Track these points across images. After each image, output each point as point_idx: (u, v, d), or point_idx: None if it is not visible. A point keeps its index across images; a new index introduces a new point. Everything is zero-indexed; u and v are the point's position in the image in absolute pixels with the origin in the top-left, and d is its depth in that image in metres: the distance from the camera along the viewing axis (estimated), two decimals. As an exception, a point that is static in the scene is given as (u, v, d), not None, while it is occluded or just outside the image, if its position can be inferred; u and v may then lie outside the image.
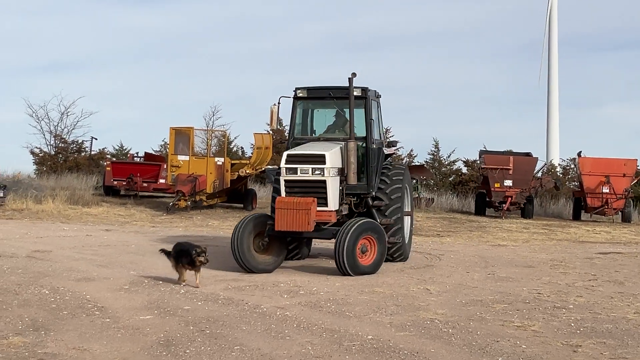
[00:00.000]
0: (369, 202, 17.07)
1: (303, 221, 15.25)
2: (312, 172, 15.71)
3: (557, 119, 66.09)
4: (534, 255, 20.45)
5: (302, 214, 15.23)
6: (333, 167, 15.84)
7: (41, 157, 47.94)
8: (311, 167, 15.70)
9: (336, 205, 16.08)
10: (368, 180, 16.90)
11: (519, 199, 34.65)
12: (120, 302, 11.95)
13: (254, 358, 8.77)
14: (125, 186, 35.32)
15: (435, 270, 16.80)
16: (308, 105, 17.80)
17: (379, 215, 17.04)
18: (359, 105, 17.05)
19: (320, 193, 15.70)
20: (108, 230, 24.20)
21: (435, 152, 49.30)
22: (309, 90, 17.46)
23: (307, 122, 17.98)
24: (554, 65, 65.79)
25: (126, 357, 8.74)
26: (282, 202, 15.55)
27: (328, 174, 15.70)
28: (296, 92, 17.44)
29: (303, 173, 15.73)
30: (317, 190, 15.71)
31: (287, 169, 15.82)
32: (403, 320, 11.03)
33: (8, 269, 15.05)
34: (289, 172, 15.81)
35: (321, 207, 15.65)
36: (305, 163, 15.78)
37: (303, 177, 15.75)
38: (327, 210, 15.81)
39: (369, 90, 17.06)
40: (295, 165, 15.78)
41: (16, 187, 32.86)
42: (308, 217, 15.21)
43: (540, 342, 9.88)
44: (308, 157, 15.88)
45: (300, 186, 15.81)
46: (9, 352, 8.78)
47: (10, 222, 25.82)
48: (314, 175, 15.71)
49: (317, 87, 17.47)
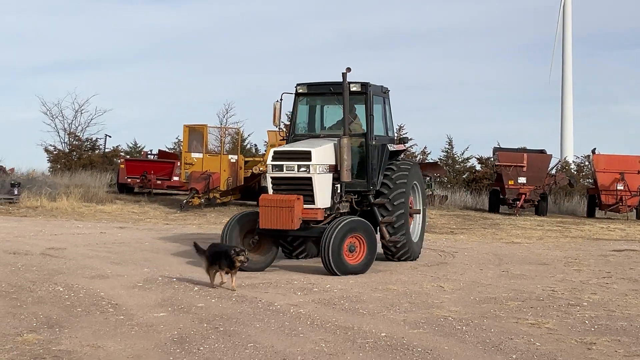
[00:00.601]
0: (371, 200, 16.84)
1: (287, 219, 14.96)
2: (298, 169, 15.32)
3: (571, 116, 65.90)
4: (548, 253, 20.39)
5: (286, 211, 14.95)
6: (321, 164, 15.45)
7: (55, 154, 48.09)
8: (297, 164, 15.31)
9: (326, 203, 15.71)
10: (368, 178, 16.62)
11: (533, 196, 34.56)
12: (134, 300, 11.97)
13: (268, 355, 8.77)
14: (139, 184, 35.41)
15: (449, 267, 16.77)
16: (311, 101, 17.55)
17: (381, 213, 16.80)
18: (359, 100, 16.85)
19: (306, 190, 15.32)
20: (122, 227, 24.27)
21: (449, 149, 49.20)
22: (309, 86, 17.21)
23: (310, 119, 17.73)
24: (568, 63, 65.59)
25: (140, 354, 8.76)
26: (266, 199, 15.33)
27: (314, 171, 15.26)
28: (297, 88, 17.23)
29: (289, 170, 15.39)
30: (303, 188, 15.33)
31: (273, 166, 15.54)
32: (417, 317, 11.01)
33: (22, 266, 15.10)
34: (275, 169, 15.51)
35: (308, 205, 15.27)
36: (291, 160, 15.43)
37: (289, 174, 15.40)
38: (314, 208, 15.37)
39: (370, 85, 16.72)
40: (282, 162, 15.46)
41: (30, 185, 32.98)
42: (291, 214, 14.90)
43: (554, 339, 9.85)
44: (294, 154, 15.55)
45: (286, 183, 15.48)
46: (24, 349, 8.81)
47: (25, 220, 25.92)
48: (299, 172, 15.31)
49: (318, 82, 17.16)
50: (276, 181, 15.55)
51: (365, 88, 16.64)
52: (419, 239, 18.28)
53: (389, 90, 17.92)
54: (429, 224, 28.05)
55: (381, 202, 16.82)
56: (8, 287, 12.74)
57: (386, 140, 17.40)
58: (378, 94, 17.28)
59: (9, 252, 16.99)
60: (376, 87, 17.16)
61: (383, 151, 17.03)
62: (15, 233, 21.14)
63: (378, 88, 17.29)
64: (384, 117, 17.69)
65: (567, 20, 65.22)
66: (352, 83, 16.36)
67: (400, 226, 16.94)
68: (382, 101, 17.58)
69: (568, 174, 41.55)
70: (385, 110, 17.73)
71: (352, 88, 16.40)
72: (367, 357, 8.82)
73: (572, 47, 65.79)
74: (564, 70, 65.74)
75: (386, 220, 16.75)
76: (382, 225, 16.78)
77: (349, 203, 16.59)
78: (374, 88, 16.95)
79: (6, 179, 34.14)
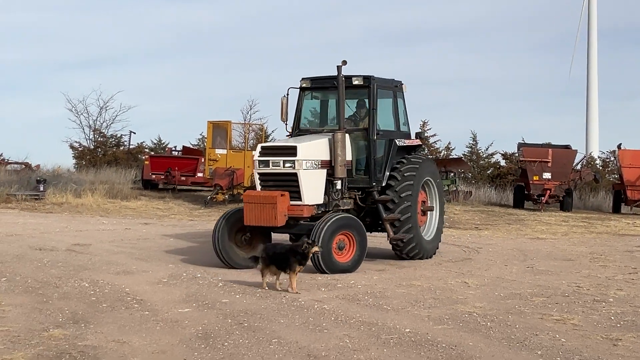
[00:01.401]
0: (375, 196, 16.41)
1: (270, 216, 14.62)
2: (283, 164, 15.00)
3: (596, 111, 65.47)
4: (573, 249, 20.29)
5: (269, 208, 14.60)
6: (309, 159, 15.09)
7: (80, 151, 48.33)
8: (282, 160, 15.01)
9: (316, 200, 15.30)
10: (370, 174, 16.28)
11: (558, 192, 34.37)
12: (159, 295, 12.02)
13: (292, 351, 8.78)
14: (163, 180, 35.55)
15: (474, 263, 16.73)
16: (315, 95, 17.27)
17: (386, 211, 16.37)
18: (363, 94, 16.55)
19: (292, 186, 14.96)
20: (146, 223, 24.37)
21: (473, 145, 49.04)
22: (312, 80, 16.89)
23: (314, 114, 17.50)
24: (593, 58, 65.16)
25: (165, 349, 8.79)
26: (250, 195, 15.13)
27: (300, 167, 14.89)
28: (301, 82, 16.93)
29: (275, 165, 15.09)
30: (289, 184, 14.98)
31: (259, 161, 15.26)
32: (441, 313, 10.99)
33: (48, 262, 15.20)
34: (262, 164, 15.23)
35: (295, 201, 14.93)
36: (277, 155, 15.14)
37: (275, 170, 15.10)
38: (300, 205, 14.98)
39: (373, 78, 16.32)
40: (268, 157, 15.19)
41: (56, 181, 33.18)
42: (274, 211, 14.56)
43: (579, 335, 9.80)
44: (280, 149, 15.33)
45: (273, 179, 15.20)
46: (50, 344, 8.87)
47: (51, 216, 26.09)
48: (285, 167, 14.99)
49: (322, 76, 16.76)
50: (263, 177, 15.30)
51: (368, 81, 16.30)
52: (433, 237, 17.66)
53: (402, 83, 17.51)
54: (453, 219, 28.02)
55: (385, 199, 16.37)
56: (34, 283, 12.83)
57: (397, 135, 16.98)
58: (386, 88, 16.89)
59: (35, 248, 17.10)
60: (383, 80, 16.79)
61: (390, 146, 16.62)
62: (41, 229, 21.29)
63: (387, 81, 16.93)
64: (395, 111, 17.23)
65: (592, 15, 64.80)
66: (354, 77, 16.21)
67: (405, 223, 16.39)
68: (392, 95, 17.17)
69: (593, 170, 41.33)
70: (396, 104, 17.26)
71: (354, 82, 16.23)
72: (391, 352, 8.81)
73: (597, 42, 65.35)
74: (589, 65, 65.32)
75: (390, 217, 16.28)
76: (385, 222, 16.37)
77: (352, 200, 16.31)
78: (379, 81, 16.57)
79: (32, 176, 34.37)
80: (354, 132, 16.33)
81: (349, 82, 16.08)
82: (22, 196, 30.34)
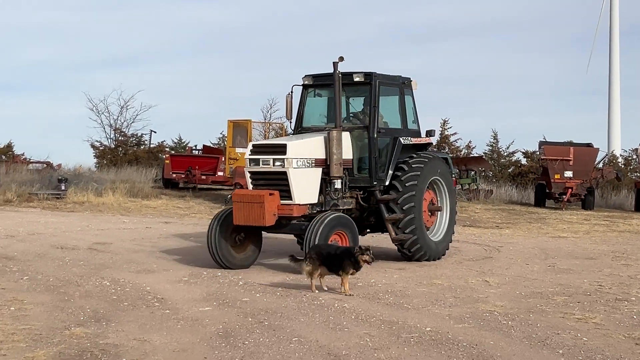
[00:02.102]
0: (377, 196, 15.99)
1: (258, 215, 14.22)
2: (273, 162, 14.62)
3: (618, 109, 65.14)
4: (595, 247, 20.18)
5: (257, 207, 14.22)
6: (300, 158, 14.66)
7: (101, 150, 48.59)
8: (272, 158, 14.63)
9: (308, 199, 14.88)
10: (371, 173, 15.84)
11: (580, 190, 34.22)
12: (180, 294, 12.05)
13: (312, 350, 8.78)
14: (184, 179, 35.66)
15: (494, 262, 16.66)
16: (318, 93, 16.89)
17: (389, 210, 15.94)
18: (363, 92, 16.21)
19: (282, 185, 14.56)
20: (167, 222, 24.44)
21: (494, 143, 48.95)
22: (314, 77, 16.55)
23: (317, 111, 17.05)
24: (615, 55, 64.84)
25: (185, 348, 8.81)
26: (238, 194, 14.79)
27: (290, 165, 14.46)
28: (303, 79, 16.66)
29: (265, 164, 14.72)
30: (279, 183, 14.58)
31: (250, 160, 14.92)
32: (462, 312, 10.96)
33: (70, 260, 15.28)
34: (252, 163, 14.88)
35: (285, 201, 14.54)
36: (267, 154, 14.77)
37: (264, 169, 14.73)
38: (291, 204, 14.55)
39: (375, 75, 15.89)
40: (258, 156, 14.83)
41: (77, 180, 33.34)
42: (262, 210, 14.16)
43: (601, 334, 9.74)
44: (270, 147, 14.97)
45: (264, 178, 14.83)
46: (72, 342, 8.91)
47: (72, 215, 26.21)
48: (274, 166, 14.59)
49: (324, 73, 16.15)
50: (254, 176, 14.97)
51: (370, 78, 15.91)
52: (442, 238, 17.13)
53: (411, 80, 17.07)
54: (474, 218, 27.96)
55: (388, 198, 15.93)
56: (56, 282, 12.90)
57: (404, 133, 16.56)
58: (391, 85, 16.50)
59: (56, 247, 17.20)
60: (388, 77, 16.39)
61: (394, 145, 16.21)
62: (62, 228, 21.40)
63: (392, 78, 16.53)
64: (402, 108, 16.78)
65: (614, 12, 64.47)
66: (355, 73, 15.89)
67: (408, 224, 15.91)
68: (398, 92, 16.72)
69: (615, 168, 41.11)
70: (403, 101, 16.81)
71: (355, 78, 15.90)
72: (411, 351, 8.79)
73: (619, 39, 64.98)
74: (611, 62, 65.00)
75: (392, 217, 15.86)
76: (387, 222, 15.94)
77: (354, 199, 15.98)
78: (383, 78, 16.16)
79: (53, 175, 34.54)
80: (356, 130, 16.02)
81: (349, 79, 15.84)
82: (44, 195, 30.51)
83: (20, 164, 41.57)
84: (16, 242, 18.11)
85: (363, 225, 16.52)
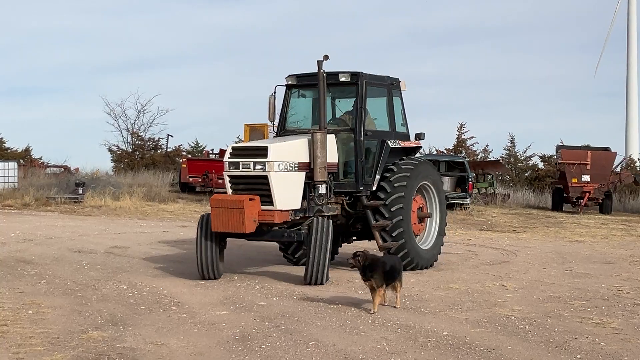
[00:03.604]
0: (364, 202, 15.16)
1: (237, 221, 13.35)
2: (253, 166, 13.73)
3: (636, 113, 64.78)
4: (612, 251, 20.08)
5: (236, 213, 13.35)
6: (282, 161, 13.81)
7: (118, 154, 48.83)
8: (252, 161, 13.74)
9: (291, 205, 14.04)
10: (357, 177, 14.97)
11: (597, 194, 34.13)
12: (196, 298, 12.06)
13: (329, 353, 8.77)
14: (200, 183, 35.75)
15: (511, 266, 16.60)
16: (302, 93, 16.02)
17: (375, 217, 15.11)
18: (349, 92, 15.39)
19: (263, 190, 13.68)
20: (184, 226, 24.48)
21: (511, 147, 48.89)
22: (298, 77, 15.71)
23: (301, 113, 16.18)
24: (633, 58, 64.50)
25: (202, 351, 8.82)
26: (217, 200, 13.87)
27: (271, 169, 13.61)
28: (287, 79, 15.86)
29: (245, 168, 13.82)
30: (259, 187, 13.71)
31: (229, 163, 14.01)
32: (479, 316, 10.93)
33: (87, 264, 15.33)
34: (232, 167, 13.97)
35: (266, 206, 13.66)
36: (247, 157, 13.90)
37: (244, 172, 13.84)
38: (272, 210, 13.68)
39: (362, 75, 15.09)
40: (238, 159, 13.94)
41: (94, 184, 33.53)
42: (242, 216, 13.28)
43: (620, 339, 9.69)
44: (250, 150, 14.14)
45: (243, 182, 13.93)
46: (89, 346, 8.94)
47: (89, 219, 26.31)
48: (255, 170, 13.72)
49: (307, 73, 15.36)
50: (233, 180, 14.04)
51: (356, 78, 15.09)
52: (432, 246, 16.29)
53: (400, 80, 16.30)
54: (491, 222, 27.90)
55: (375, 204, 15.12)
56: (73, 285, 12.95)
57: (392, 136, 15.79)
58: (378, 85, 15.72)
59: (74, 251, 17.27)
60: (375, 77, 15.62)
61: (382, 148, 15.40)
62: (80, 232, 21.47)
63: (380, 78, 15.77)
64: (390, 110, 15.96)
65: (631, 15, 64.18)
66: (340, 73, 15.14)
67: (395, 229, 15.07)
68: (386, 93, 15.93)
69: (633, 172, 40.95)
70: (391, 103, 15.96)
71: (341, 78, 15.14)
72: (428, 356, 8.77)
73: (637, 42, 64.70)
74: (629, 65, 64.67)
75: (378, 224, 15.07)
76: (374, 229, 15.13)
77: (339, 205, 15.16)
78: (370, 78, 15.39)
79: (71, 179, 34.75)
80: (342, 132, 15.22)
81: (335, 79, 15.09)
82: (62, 199, 30.69)
83: (38, 168, 41.87)
84: (34, 245, 18.19)
85: (349, 232, 16.13)
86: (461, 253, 18.76)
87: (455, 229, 25.42)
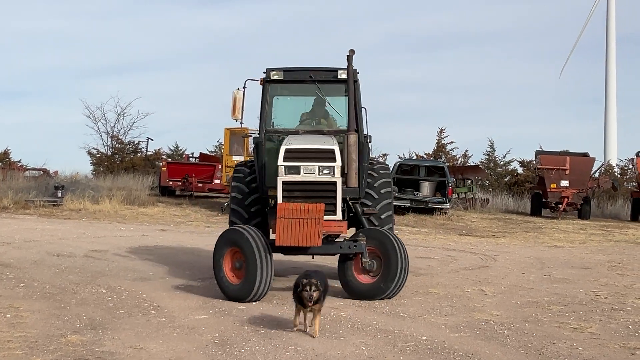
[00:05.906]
0: (358, 209, 13.71)
1: (312, 233, 11.84)
2: (320, 171, 12.32)
3: (615, 119, 65.36)
4: (591, 257, 20.20)
5: (312, 224, 11.83)
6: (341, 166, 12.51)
7: (98, 157, 48.67)
8: (318, 165, 12.30)
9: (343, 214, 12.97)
10: (360, 183, 13.33)
11: (576, 200, 34.31)
12: (176, 302, 12.04)
13: (308, 358, 8.78)
14: (180, 186, 35.72)
15: (490, 271, 16.67)
16: (284, 91, 14.43)
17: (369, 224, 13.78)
18: (341, 91, 13.85)
19: (329, 198, 12.38)
20: (164, 230, 24.43)
21: (490, 152, 49.10)
22: (285, 72, 13.94)
23: (285, 111, 14.78)
24: (611, 64, 65.01)
25: (182, 356, 8.81)
26: (286, 209, 11.98)
27: (339, 174, 12.39)
28: (269, 73, 13.93)
29: (308, 173, 12.32)
30: (325, 195, 12.40)
31: (286, 167, 12.36)
32: (458, 321, 10.97)
33: (66, 268, 15.27)
34: (290, 171, 12.35)
35: (329, 216, 12.39)
36: (310, 160, 12.34)
37: (308, 178, 12.35)
38: (337, 220, 12.57)
39: (358, 72, 13.74)
40: (298, 163, 12.34)
41: (74, 188, 33.38)
42: (318, 228, 11.85)
43: (597, 344, 9.75)
44: (314, 153, 12.41)
45: (303, 189, 12.42)
46: (67, 350, 8.90)
47: (68, 222, 26.20)
48: (321, 175, 12.34)
49: (295, 68, 14.08)
50: (289, 187, 12.42)
51: (355, 75, 13.61)
52: None
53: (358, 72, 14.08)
54: (470, 227, 27.97)
55: (372, 212, 13.99)
56: (52, 289, 12.89)
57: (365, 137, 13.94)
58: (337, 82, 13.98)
59: (52, 254, 17.19)
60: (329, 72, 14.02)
61: (368, 151, 14.19)
62: (59, 235, 21.38)
63: None
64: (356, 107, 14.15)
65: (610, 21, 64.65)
66: (341, 69, 13.66)
67: None
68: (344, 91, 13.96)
69: (611, 177, 41.20)
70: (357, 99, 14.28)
71: (341, 75, 13.63)
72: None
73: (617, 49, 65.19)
74: (608, 71, 65.21)
75: None
76: None
77: None
78: None
79: (50, 182, 34.57)
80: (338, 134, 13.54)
81: (330, 76, 13.77)
82: (40, 202, 30.53)
83: (17, 171, 41.65)
84: (12, 249, 18.09)
85: None
86: (440, 258, 18.83)
87: (434, 233, 25.50)
